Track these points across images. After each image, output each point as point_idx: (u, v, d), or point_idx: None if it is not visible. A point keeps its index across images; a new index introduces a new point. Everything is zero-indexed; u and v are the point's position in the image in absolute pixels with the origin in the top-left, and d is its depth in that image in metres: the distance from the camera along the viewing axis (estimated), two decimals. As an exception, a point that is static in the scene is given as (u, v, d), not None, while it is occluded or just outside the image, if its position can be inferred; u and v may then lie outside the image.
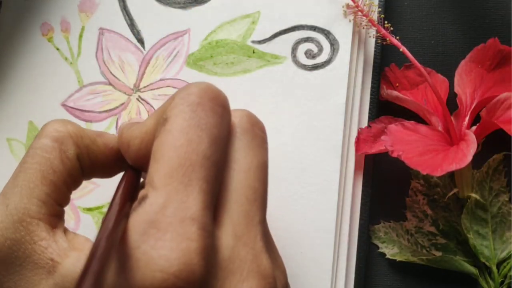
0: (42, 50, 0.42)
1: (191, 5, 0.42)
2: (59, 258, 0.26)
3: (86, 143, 0.30)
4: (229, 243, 0.26)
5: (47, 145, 0.28)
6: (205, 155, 0.25)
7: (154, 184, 0.25)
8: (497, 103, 0.38)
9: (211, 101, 0.26)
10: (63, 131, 0.29)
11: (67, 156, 0.29)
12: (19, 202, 0.27)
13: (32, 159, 0.28)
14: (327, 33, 0.40)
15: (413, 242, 0.40)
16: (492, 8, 0.42)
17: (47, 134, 0.29)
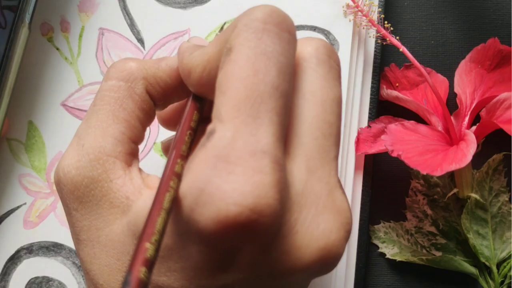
0: (42, 50, 0.42)
1: (191, 5, 0.42)
2: (133, 196, 0.26)
3: (151, 72, 0.29)
4: (302, 177, 0.25)
5: (114, 85, 0.28)
6: (273, 85, 0.24)
7: (221, 118, 0.24)
8: (497, 103, 0.38)
9: (277, 26, 0.25)
10: (127, 68, 0.29)
11: (135, 92, 0.28)
12: (94, 141, 0.27)
13: (101, 101, 0.28)
14: (327, 33, 0.40)
15: (413, 242, 0.40)
16: (492, 8, 0.42)
17: (112, 76, 0.28)
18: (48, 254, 0.40)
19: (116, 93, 0.28)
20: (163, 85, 0.29)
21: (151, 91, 0.29)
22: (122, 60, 0.29)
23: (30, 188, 0.41)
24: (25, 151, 0.41)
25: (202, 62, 0.27)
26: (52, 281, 0.39)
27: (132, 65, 0.29)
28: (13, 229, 0.40)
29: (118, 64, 0.29)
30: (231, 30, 0.25)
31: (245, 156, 0.23)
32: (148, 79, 0.29)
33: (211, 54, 0.26)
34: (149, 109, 0.29)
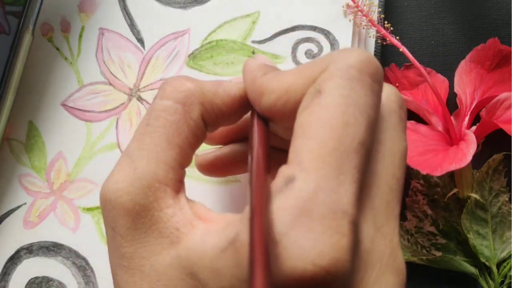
0: (42, 50, 0.42)
1: (191, 5, 0.42)
2: (184, 228, 0.25)
3: (209, 98, 0.28)
4: (369, 234, 0.24)
5: (170, 107, 0.27)
6: (361, 140, 0.23)
7: (303, 165, 0.23)
8: (497, 103, 0.38)
9: (371, 77, 0.24)
10: (185, 90, 0.28)
11: (191, 117, 0.27)
12: (147, 166, 0.26)
13: (156, 122, 0.27)
14: (327, 33, 0.40)
15: (413, 242, 0.40)
16: (492, 8, 0.42)
17: (169, 95, 0.27)
18: (48, 254, 0.40)
19: (172, 115, 0.27)
20: (217, 112, 0.28)
21: (206, 117, 0.28)
22: (180, 79, 0.28)
23: (30, 188, 0.41)
24: (25, 151, 0.41)
25: (280, 89, 0.26)
26: (52, 281, 0.39)
27: (191, 87, 0.28)
28: (13, 229, 0.40)
29: (176, 83, 0.28)
30: (320, 69, 0.25)
31: (327, 213, 0.22)
32: (205, 104, 0.28)
33: (292, 84, 0.26)
34: (201, 135, 0.28)
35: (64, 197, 0.40)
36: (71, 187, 0.40)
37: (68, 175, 0.41)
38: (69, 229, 0.40)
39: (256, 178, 0.25)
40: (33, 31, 0.39)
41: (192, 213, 0.26)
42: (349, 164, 0.23)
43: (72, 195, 0.40)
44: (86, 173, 0.40)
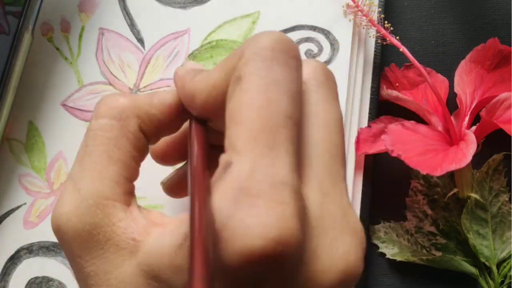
0: (42, 50, 0.42)
1: (191, 5, 0.42)
2: (140, 237, 0.26)
3: (144, 109, 0.29)
4: (317, 201, 0.25)
5: (106, 124, 0.27)
6: (287, 114, 0.24)
7: (237, 149, 0.23)
8: (497, 103, 0.38)
9: (286, 53, 0.25)
10: (118, 106, 0.28)
11: (129, 130, 0.28)
12: (91, 186, 0.26)
13: (94, 141, 0.27)
14: (327, 33, 0.40)
15: (413, 242, 0.40)
16: (492, 8, 0.42)
17: (103, 114, 0.28)
18: (48, 254, 0.40)
19: (109, 132, 0.27)
20: (156, 122, 0.29)
21: (144, 129, 0.29)
22: (112, 96, 0.29)
23: (30, 188, 0.41)
24: (25, 151, 0.41)
25: (207, 87, 0.27)
26: (52, 281, 0.39)
27: (124, 102, 0.28)
28: (13, 229, 0.40)
29: (108, 100, 0.28)
30: (238, 57, 0.25)
31: (266, 188, 0.23)
32: (141, 116, 0.28)
33: (216, 79, 0.26)
34: (143, 146, 0.29)
35: (64, 197, 0.40)
36: (71, 187, 0.40)
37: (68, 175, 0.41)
38: (69, 229, 0.40)
39: (194, 173, 0.25)
40: (32, 31, 0.39)
41: (147, 222, 0.26)
42: (280, 138, 0.23)
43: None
44: (86, 173, 0.40)
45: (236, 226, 0.22)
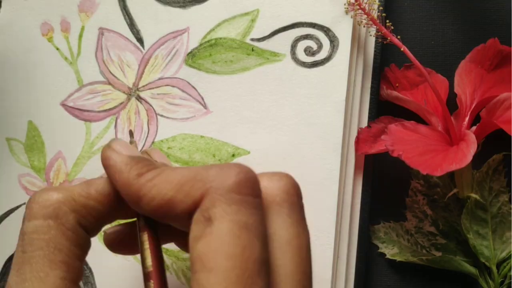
0: (42, 50, 0.42)
1: (190, 4, 0.42)
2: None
3: (81, 202, 0.27)
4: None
5: (42, 226, 0.26)
6: (261, 260, 0.24)
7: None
8: (497, 103, 0.38)
9: (251, 193, 0.25)
10: (53, 203, 0.26)
11: (67, 228, 0.26)
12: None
13: (31, 247, 0.26)
14: (327, 30, 0.40)
15: (413, 242, 0.40)
16: (492, 9, 0.42)
17: (36, 214, 0.26)
18: (47, 253, 0.40)
19: (46, 234, 0.26)
20: (95, 214, 0.28)
21: (84, 223, 0.27)
22: (44, 193, 0.27)
23: (29, 188, 0.41)
24: (24, 151, 0.41)
25: (159, 199, 0.26)
26: (51, 281, 0.39)
27: (58, 197, 0.27)
28: (13, 229, 0.40)
29: (41, 198, 0.27)
30: (201, 191, 0.25)
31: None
32: (79, 211, 0.27)
33: (171, 198, 0.25)
34: (84, 242, 0.27)
35: (63, 197, 0.40)
36: (70, 187, 0.40)
37: (67, 174, 0.41)
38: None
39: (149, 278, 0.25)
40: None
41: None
42: (255, 286, 0.23)
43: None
44: (85, 173, 0.40)
45: None
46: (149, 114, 0.41)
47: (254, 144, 0.39)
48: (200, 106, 0.40)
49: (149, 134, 0.40)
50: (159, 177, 0.26)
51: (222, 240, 0.24)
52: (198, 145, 0.40)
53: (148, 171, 0.27)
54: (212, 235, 0.24)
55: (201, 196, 0.25)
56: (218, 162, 0.39)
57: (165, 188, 0.26)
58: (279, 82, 0.40)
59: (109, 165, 0.28)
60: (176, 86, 0.41)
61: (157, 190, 0.26)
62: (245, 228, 0.24)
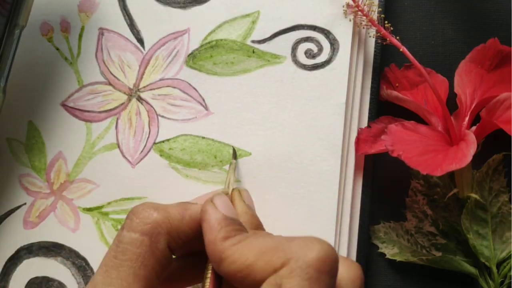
0: (42, 50, 0.42)
1: (191, 5, 0.42)
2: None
3: (175, 226, 0.30)
4: None
5: (137, 240, 0.28)
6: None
7: None
8: (497, 103, 0.38)
9: (329, 274, 0.26)
10: (151, 222, 0.29)
11: (157, 248, 0.29)
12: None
13: (123, 255, 0.28)
14: (327, 33, 0.40)
15: (413, 242, 0.40)
16: (492, 9, 0.42)
17: (135, 228, 0.29)
18: (48, 254, 0.40)
19: (139, 248, 0.28)
20: (184, 238, 0.30)
21: (172, 245, 0.30)
22: (146, 209, 0.30)
23: (30, 188, 0.41)
24: (25, 151, 0.41)
25: (239, 264, 0.27)
26: (52, 281, 0.39)
27: (157, 217, 0.29)
28: (13, 229, 0.40)
29: (142, 214, 0.29)
30: (282, 260, 0.26)
31: None
32: (171, 233, 0.29)
33: (251, 263, 0.27)
34: (167, 262, 0.30)
35: (64, 197, 0.40)
36: (71, 187, 0.40)
37: (68, 175, 0.41)
38: (69, 229, 0.40)
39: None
40: (4, 89, 0.39)
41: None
42: None
43: (72, 195, 0.40)
44: (86, 173, 0.40)
45: None
46: (150, 115, 0.41)
47: (255, 146, 0.39)
48: (201, 107, 0.40)
49: (150, 135, 0.40)
50: (243, 242, 0.28)
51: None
52: (199, 146, 0.40)
53: (235, 235, 0.28)
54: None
55: (282, 265, 0.26)
56: (220, 163, 0.39)
57: (247, 253, 0.27)
58: (279, 84, 0.40)
59: (204, 218, 0.30)
60: (177, 87, 0.41)
61: (239, 255, 0.27)
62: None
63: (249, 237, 0.28)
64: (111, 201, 0.40)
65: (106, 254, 0.29)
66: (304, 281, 0.25)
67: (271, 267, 0.26)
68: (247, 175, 0.39)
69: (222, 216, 0.29)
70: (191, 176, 0.39)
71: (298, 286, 0.25)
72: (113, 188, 0.40)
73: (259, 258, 0.27)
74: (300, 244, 0.26)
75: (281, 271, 0.26)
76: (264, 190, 0.39)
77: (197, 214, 0.30)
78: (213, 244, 0.28)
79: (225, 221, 0.29)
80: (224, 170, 0.39)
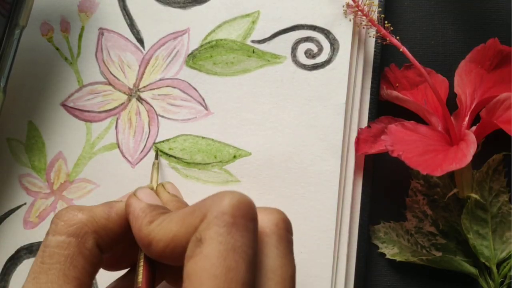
0: (42, 50, 0.42)
1: (191, 5, 0.42)
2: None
3: (102, 224, 0.30)
4: None
5: (64, 242, 0.28)
6: (244, 281, 0.25)
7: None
8: (497, 103, 0.38)
9: (244, 217, 0.26)
10: (77, 222, 0.29)
11: (86, 247, 0.29)
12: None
13: (50, 259, 0.28)
14: (327, 33, 0.40)
15: (413, 242, 0.40)
16: (492, 9, 0.42)
17: (61, 230, 0.29)
18: (48, 254, 0.40)
19: (66, 250, 0.28)
20: (112, 235, 0.30)
21: (101, 243, 0.29)
22: (70, 211, 0.29)
23: (30, 188, 0.41)
24: (25, 151, 0.41)
25: (166, 239, 0.27)
26: (52, 281, 0.39)
27: (82, 218, 0.29)
28: (13, 229, 0.40)
29: (66, 216, 0.29)
30: (200, 217, 0.26)
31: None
32: (98, 232, 0.29)
33: (176, 233, 0.27)
34: (97, 261, 0.29)
35: (64, 197, 0.40)
36: (71, 187, 0.40)
37: (67, 175, 0.41)
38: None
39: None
40: (4, 89, 0.39)
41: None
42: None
43: (72, 195, 0.40)
44: (86, 173, 0.40)
45: None
46: (150, 115, 0.41)
47: (255, 146, 0.39)
48: (201, 107, 0.40)
49: (150, 135, 0.40)
50: (166, 220, 0.28)
51: (209, 260, 0.25)
52: (199, 146, 0.40)
53: (158, 215, 0.29)
54: (201, 255, 0.25)
55: (200, 222, 0.26)
56: (220, 164, 0.39)
57: (169, 226, 0.27)
58: (279, 84, 0.40)
59: (129, 211, 0.30)
60: (177, 87, 0.41)
61: (163, 231, 0.27)
62: (232, 250, 0.25)
63: (171, 214, 0.28)
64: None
65: (34, 262, 0.28)
66: (221, 228, 0.25)
67: (192, 227, 0.26)
68: (247, 175, 0.39)
69: (145, 205, 0.30)
70: (191, 176, 0.39)
71: (217, 233, 0.25)
72: (113, 188, 0.40)
73: (181, 225, 0.27)
74: (213, 198, 0.26)
75: (200, 227, 0.26)
76: (264, 190, 0.39)
77: (123, 210, 0.30)
78: (139, 230, 0.28)
79: (149, 208, 0.29)
80: (224, 170, 0.39)
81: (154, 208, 0.29)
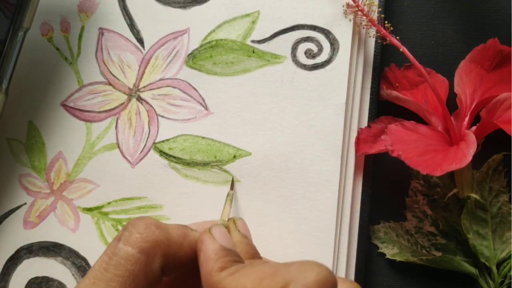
0: (42, 50, 0.42)
1: (191, 5, 0.42)
2: None
3: (173, 251, 0.29)
4: None
5: (133, 256, 0.28)
6: None
7: None
8: (497, 103, 0.38)
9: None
10: (151, 240, 0.28)
11: (151, 269, 0.28)
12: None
13: (115, 270, 0.28)
14: (327, 33, 0.40)
15: (413, 242, 0.40)
16: (492, 9, 0.42)
17: (134, 243, 0.28)
18: (48, 254, 0.40)
19: (133, 265, 0.28)
20: (178, 263, 0.30)
21: (166, 267, 0.29)
22: (148, 225, 0.29)
23: (30, 188, 0.41)
24: (25, 151, 0.41)
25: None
26: (52, 281, 0.39)
27: (158, 237, 0.29)
28: (13, 229, 0.40)
29: (143, 229, 0.29)
30: (281, 282, 0.25)
31: None
32: (167, 256, 0.29)
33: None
34: (157, 283, 0.29)
35: (64, 197, 0.40)
36: (71, 187, 0.40)
37: (68, 175, 0.41)
38: (69, 229, 0.40)
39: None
40: (6, 91, 0.39)
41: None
42: None
43: (72, 195, 0.40)
44: (86, 173, 0.40)
45: None
46: (150, 115, 0.41)
47: (255, 146, 0.39)
48: (201, 107, 0.40)
49: (150, 135, 0.40)
50: (239, 272, 0.27)
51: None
52: (199, 146, 0.40)
53: (232, 266, 0.28)
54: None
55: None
56: (220, 163, 0.39)
57: (244, 282, 0.26)
58: (279, 84, 0.40)
59: (201, 248, 0.29)
60: (177, 87, 0.41)
61: (236, 284, 0.27)
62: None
63: (246, 267, 0.27)
64: (111, 201, 0.40)
65: (96, 265, 0.28)
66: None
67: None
68: (247, 175, 0.39)
69: (219, 246, 0.29)
70: (191, 176, 0.39)
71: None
72: (113, 188, 0.40)
73: (257, 285, 0.26)
74: (299, 267, 0.26)
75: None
76: (264, 190, 0.39)
77: (195, 242, 0.30)
78: (210, 274, 0.28)
79: (222, 251, 0.29)
80: (224, 170, 0.39)
81: (228, 253, 0.29)
